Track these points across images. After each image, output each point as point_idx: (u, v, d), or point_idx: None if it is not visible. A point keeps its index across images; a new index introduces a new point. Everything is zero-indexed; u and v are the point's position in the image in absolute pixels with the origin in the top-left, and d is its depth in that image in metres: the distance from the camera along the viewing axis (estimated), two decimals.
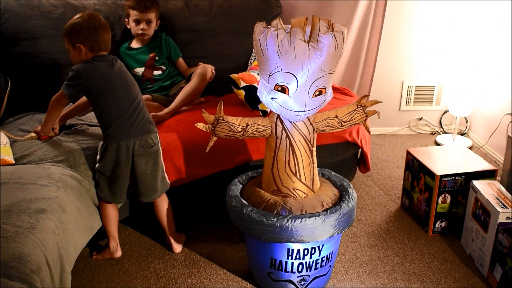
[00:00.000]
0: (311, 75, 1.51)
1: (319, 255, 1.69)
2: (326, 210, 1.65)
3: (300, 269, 1.70)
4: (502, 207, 1.82)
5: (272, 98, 1.59)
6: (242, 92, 2.27)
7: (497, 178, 2.15)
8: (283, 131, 1.66)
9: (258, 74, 2.17)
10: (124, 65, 1.86)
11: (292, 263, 1.69)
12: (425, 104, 3.37)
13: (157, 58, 2.45)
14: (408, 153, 2.32)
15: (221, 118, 1.65)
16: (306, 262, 1.69)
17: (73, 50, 1.76)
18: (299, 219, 1.57)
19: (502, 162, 2.44)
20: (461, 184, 2.10)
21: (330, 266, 1.80)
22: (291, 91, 1.54)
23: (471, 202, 2.01)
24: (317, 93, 1.57)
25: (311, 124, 1.69)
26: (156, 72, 2.46)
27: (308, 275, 1.73)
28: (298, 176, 1.69)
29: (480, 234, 1.94)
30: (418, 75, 3.29)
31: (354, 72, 3.07)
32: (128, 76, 1.84)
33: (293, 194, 1.71)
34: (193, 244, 2.09)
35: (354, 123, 1.75)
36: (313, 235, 1.60)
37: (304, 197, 1.72)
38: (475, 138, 3.26)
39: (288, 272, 1.71)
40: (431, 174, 2.09)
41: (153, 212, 1.98)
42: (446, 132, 3.40)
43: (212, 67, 2.38)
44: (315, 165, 1.75)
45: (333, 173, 1.92)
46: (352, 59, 3.05)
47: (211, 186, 2.09)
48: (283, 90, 1.55)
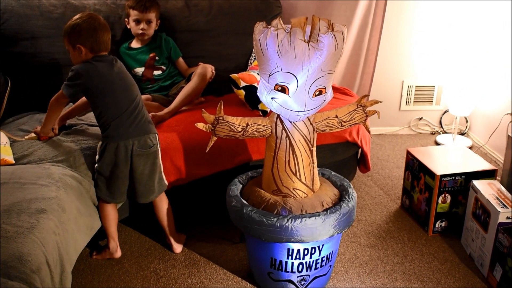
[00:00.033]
0: (311, 75, 1.51)
1: (319, 255, 1.69)
2: (326, 210, 1.65)
3: (300, 269, 1.70)
4: (502, 207, 1.82)
5: (272, 98, 1.59)
6: (242, 92, 2.27)
7: (497, 178, 2.15)
8: (283, 131, 1.66)
9: (258, 74, 2.17)
10: (124, 65, 1.86)
11: (292, 263, 1.69)
12: (425, 104, 3.37)
13: (157, 58, 2.45)
14: (408, 153, 2.32)
15: (221, 118, 1.65)
16: (306, 262, 1.69)
17: (73, 50, 1.76)
18: (299, 219, 1.57)
19: (502, 162, 2.44)
20: (461, 184, 2.10)
21: (330, 266, 1.80)
22: (291, 91, 1.54)
23: (471, 202, 2.01)
24: (317, 93, 1.57)
25: (311, 124, 1.69)
26: (156, 72, 2.46)
27: (308, 275, 1.73)
28: (298, 176, 1.69)
29: (480, 234, 1.94)
30: (418, 75, 3.29)
31: (354, 72, 3.07)
32: (128, 77, 1.84)
33: (293, 194, 1.71)
34: (193, 244, 2.09)
35: (354, 123, 1.75)
36: (313, 235, 1.60)
37: (304, 197, 1.72)
38: (475, 138, 3.26)
39: (288, 272, 1.71)
40: (431, 174, 2.09)
41: (153, 212, 1.98)
42: (446, 132, 3.40)
43: (212, 67, 2.38)
44: (315, 165, 1.75)
45: (333, 173, 1.92)
46: (352, 59, 3.05)
47: (211, 186, 2.09)
48: (283, 90, 1.55)
